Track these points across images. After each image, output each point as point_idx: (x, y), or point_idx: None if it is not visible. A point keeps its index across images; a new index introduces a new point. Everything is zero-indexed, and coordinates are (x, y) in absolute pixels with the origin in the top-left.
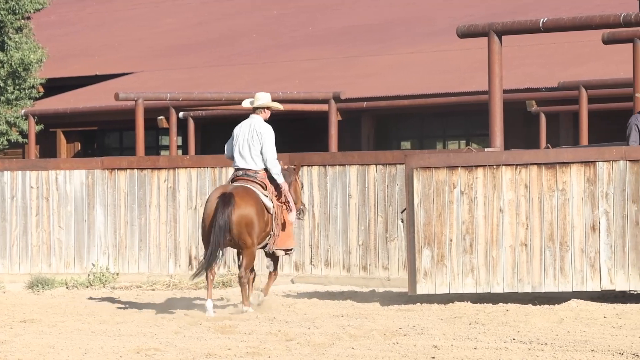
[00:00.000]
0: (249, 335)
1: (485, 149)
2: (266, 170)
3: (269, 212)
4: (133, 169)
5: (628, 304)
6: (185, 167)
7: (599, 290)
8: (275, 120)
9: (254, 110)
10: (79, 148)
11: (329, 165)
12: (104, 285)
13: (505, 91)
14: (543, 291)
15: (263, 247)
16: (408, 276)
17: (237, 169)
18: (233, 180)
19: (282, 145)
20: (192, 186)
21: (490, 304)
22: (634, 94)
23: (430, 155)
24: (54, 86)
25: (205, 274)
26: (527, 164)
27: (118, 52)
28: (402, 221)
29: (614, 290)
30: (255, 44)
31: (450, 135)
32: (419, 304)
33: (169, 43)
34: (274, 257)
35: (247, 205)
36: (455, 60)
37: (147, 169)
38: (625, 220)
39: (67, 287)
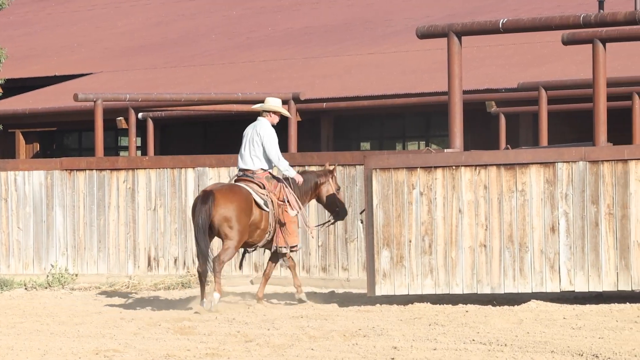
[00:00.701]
0: (209, 337)
1: (445, 150)
2: (266, 170)
3: (263, 210)
4: (92, 169)
5: (587, 305)
6: (144, 168)
7: (559, 291)
8: (235, 121)
9: (261, 113)
10: (38, 149)
11: None
12: (63, 286)
13: (464, 92)
14: (502, 292)
15: (266, 247)
16: (367, 277)
17: (239, 169)
18: (236, 180)
19: (239, 146)
20: (151, 187)
21: (450, 305)
22: (593, 95)
23: (389, 156)
24: (13, 87)
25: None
26: (486, 165)
27: (77, 53)
28: (362, 222)
29: (574, 291)
30: (214, 44)
31: (410, 136)
32: (378, 305)
33: (128, 43)
34: (281, 255)
35: (227, 201)
36: (415, 61)
37: (106, 169)
38: (584, 221)
39: (26, 288)
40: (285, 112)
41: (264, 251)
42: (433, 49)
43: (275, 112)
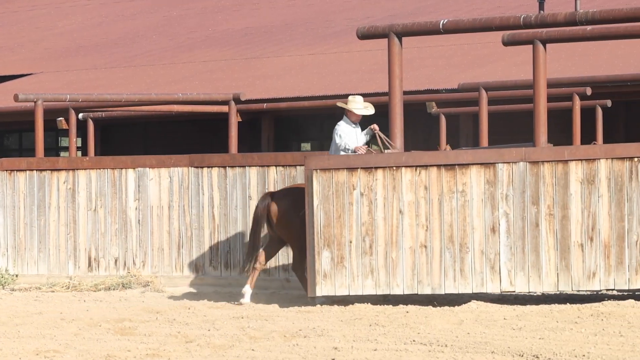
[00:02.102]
0: (149, 337)
1: (385, 150)
2: None
3: None
4: (32, 170)
5: (528, 306)
6: (84, 169)
7: (499, 292)
8: (175, 121)
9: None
10: None
11: (229, 166)
12: (3, 287)
13: (405, 92)
14: (443, 293)
15: None
16: (308, 278)
17: None
18: None
19: (182, 146)
20: (92, 188)
21: (391, 306)
22: (533, 96)
23: (329, 157)
24: None
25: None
26: (426, 166)
27: (17, 53)
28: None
29: (514, 292)
30: (155, 44)
31: None
32: (319, 305)
33: (69, 44)
34: None
35: (281, 201)
36: (356, 61)
37: (46, 170)
38: (525, 222)
39: None
40: (352, 108)
41: (204, 252)
42: (374, 50)
43: (350, 110)
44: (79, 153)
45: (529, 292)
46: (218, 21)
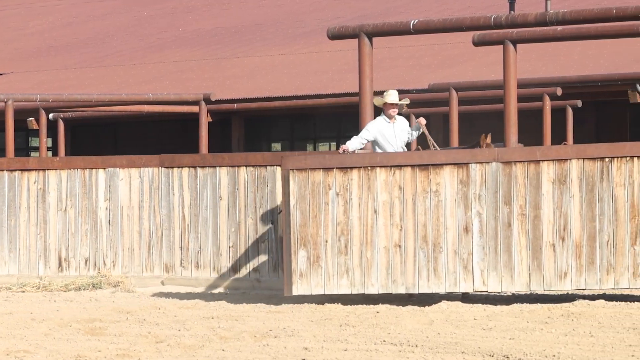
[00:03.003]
0: (119, 337)
1: (356, 151)
2: None
3: None
4: (3, 170)
5: (498, 306)
6: (55, 169)
7: (472, 291)
8: (146, 122)
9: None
10: None
11: (199, 166)
12: None
13: (375, 93)
14: (417, 292)
15: None
16: (284, 277)
17: None
18: None
19: (152, 146)
20: (62, 188)
21: (361, 306)
22: (504, 96)
23: (306, 157)
24: None
25: None
26: (401, 166)
27: None
28: (273, 223)
29: (487, 291)
30: (125, 45)
31: (321, 136)
32: (289, 305)
33: (39, 44)
34: None
35: None
36: (326, 61)
37: (16, 170)
38: (497, 222)
39: None
40: (395, 99)
41: (174, 252)
42: (344, 50)
43: (384, 105)
44: (50, 153)
45: (501, 292)
46: (188, 21)
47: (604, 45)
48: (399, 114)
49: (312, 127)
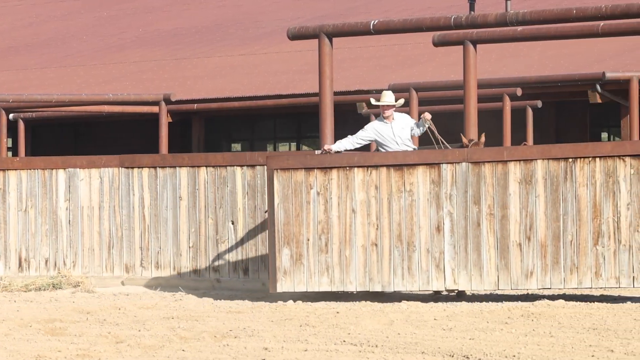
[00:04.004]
0: (79, 338)
1: (316, 151)
2: None
3: None
4: None
5: (458, 306)
6: (15, 169)
7: (444, 290)
8: (106, 122)
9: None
10: None
11: (159, 167)
12: None
13: (335, 93)
14: (392, 290)
15: None
16: (269, 274)
17: None
18: None
19: (112, 146)
20: (22, 188)
21: (321, 306)
22: (464, 96)
23: (288, 157)
24: None
25: None
26: (377, 166)
27: None
28: (233, 223)
29: (457, 290)
30: (86, 45)
31: (281, 137)
32: (250, 305)
33: None
34: None
35: None
36: (286, 62)
37: None
38: (467, 221)
39: None
40: (381, 103)
41: (134, 252)
42: (304, 50)
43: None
44: (10, 153)
45: (471, 290)
46: (149, 22)
47: (564, 46)
48: (359, 114)
49: (272, 127)
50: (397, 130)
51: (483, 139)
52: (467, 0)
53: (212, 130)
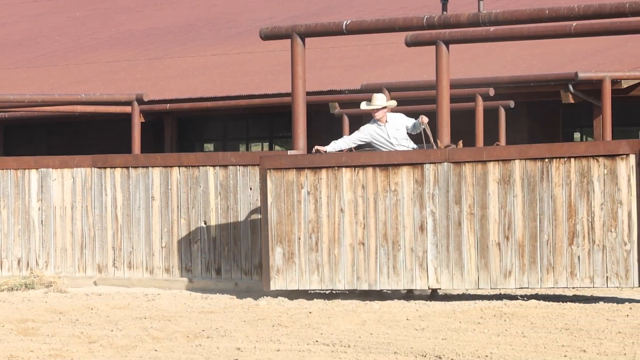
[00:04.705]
0: (52, 338)
1: (288, 151)
2: None
3: None
4: None
5: (431, 306)
6: None
7: (427, 289)
8: (79, 122)
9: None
10: None
11: (131, 167)
12: None
13: (308, 93)
14: (378, 289)
15: None
16: (262, 272)
17: None
18: None
19: (85, 147)
20: None
21: (293, 306)
22: (436, 96)
23: (281, 157)
24: None
25: None
26: (364, 166)
27: None
28: (205, 223)
29: (440, 289)
30: (58, 45)
31: (254, 137)
32: (222, 305)
33: None
34: None
35: None
36: (259, 62)
37: None
38: (449, 221)
39: None
40: (369, 107)
41: (107, 252)
42: (277, 50)
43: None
44: None
45: (453, 289)
46: (121, 22)
47: (537, 46)
48: (331, 114)
49: (245, 127)
50: (391, 132)
51: (461, 144)
52: (440, 1)
53: (185, 130)
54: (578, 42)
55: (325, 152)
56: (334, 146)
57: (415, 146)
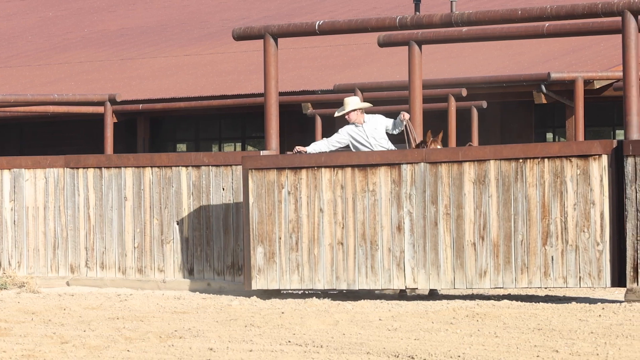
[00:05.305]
0: (24, 338)
1: (261, 152)
2: None
3: None
4: None
5: (404, 307)
6: None
7: (404, 288)
8: (52, 122)
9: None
10: None
11: (104, 167)
12: None
13: (281, 94)
14: (357, 289)
15: None
16: (244, 272)
17: None
18: None
19: (58, 147)
20: None
21: (266, 307)
22: (409, 97)
23: (262, 157)
24: None
25: None
26: (342, 166)
27: None
28: (178, 223)
29: (417, 288)
30: (31, 45)
31: (226, 137)
32: (195, 306)
33: None
34: None
35: None
36: (231, 62)
37: None
38: (426, 221)
39: None
40: (342, 113)
41: (79, 252)
42: (249, 51)
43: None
44: None
45: (430, 289)
46: (94, 22)
47: (510, 47)
48: (304, 114)
49: (217, 127)
50: (369, 132)
51: (440, 140)
52: (413, 1)
53: (158, 130)
54: (551, 43)
55: (306, 152)
56: (314, 147)
57: (394, 147)
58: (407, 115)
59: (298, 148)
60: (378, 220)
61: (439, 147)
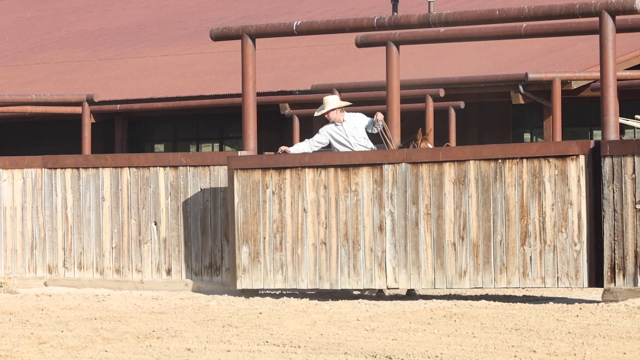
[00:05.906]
0: (2, 339)
1: (239, 152)
2: None
3: None
4: None
5: (381, 307)
6: None
7: (386, 288)
8: (29, 122)
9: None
10: None
11: (82, 168)
12: None
13: (259, 94)
14: (339, 289)
15: None
16: (229, 272)
17: None
18: None
19: (35, 147)
20: None
21: (244, 307)
22: (387, 97)
23: (247, 157)
24: None
25: None
26: (325, 166)
27: None
28: (156, 224)
29: (398, 288)
30: (8, 45)
31: (204, 138)
32: (172, 306)
33: None
34: None
35: None
36: (209, 63)
37: None
38: (407, 221)
39: None
40: (321, 113)
41: (57, 253)
42: (227, 51)
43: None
44: None
45: (410, 289)
46: (72, 22)
47: (487, 47)
48: (282, 114)
49: (195, 128)
50: (349, 130)
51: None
52: (390, 2)
53: (135, 131)
54: (528, 43)
55: (284, 152)
56: (297, 148)
57: (373, 146)
58: (381, 116)
59: (283, 148)
60: (360, 220)
61: (429, 145)
